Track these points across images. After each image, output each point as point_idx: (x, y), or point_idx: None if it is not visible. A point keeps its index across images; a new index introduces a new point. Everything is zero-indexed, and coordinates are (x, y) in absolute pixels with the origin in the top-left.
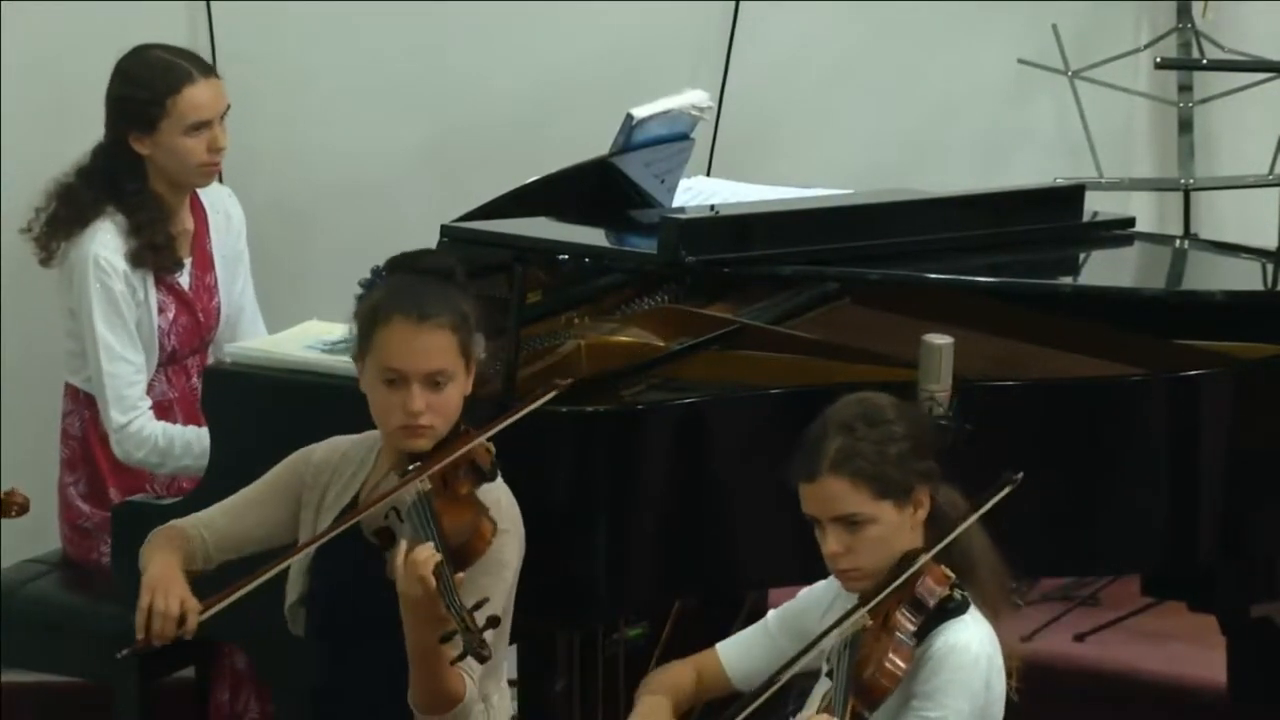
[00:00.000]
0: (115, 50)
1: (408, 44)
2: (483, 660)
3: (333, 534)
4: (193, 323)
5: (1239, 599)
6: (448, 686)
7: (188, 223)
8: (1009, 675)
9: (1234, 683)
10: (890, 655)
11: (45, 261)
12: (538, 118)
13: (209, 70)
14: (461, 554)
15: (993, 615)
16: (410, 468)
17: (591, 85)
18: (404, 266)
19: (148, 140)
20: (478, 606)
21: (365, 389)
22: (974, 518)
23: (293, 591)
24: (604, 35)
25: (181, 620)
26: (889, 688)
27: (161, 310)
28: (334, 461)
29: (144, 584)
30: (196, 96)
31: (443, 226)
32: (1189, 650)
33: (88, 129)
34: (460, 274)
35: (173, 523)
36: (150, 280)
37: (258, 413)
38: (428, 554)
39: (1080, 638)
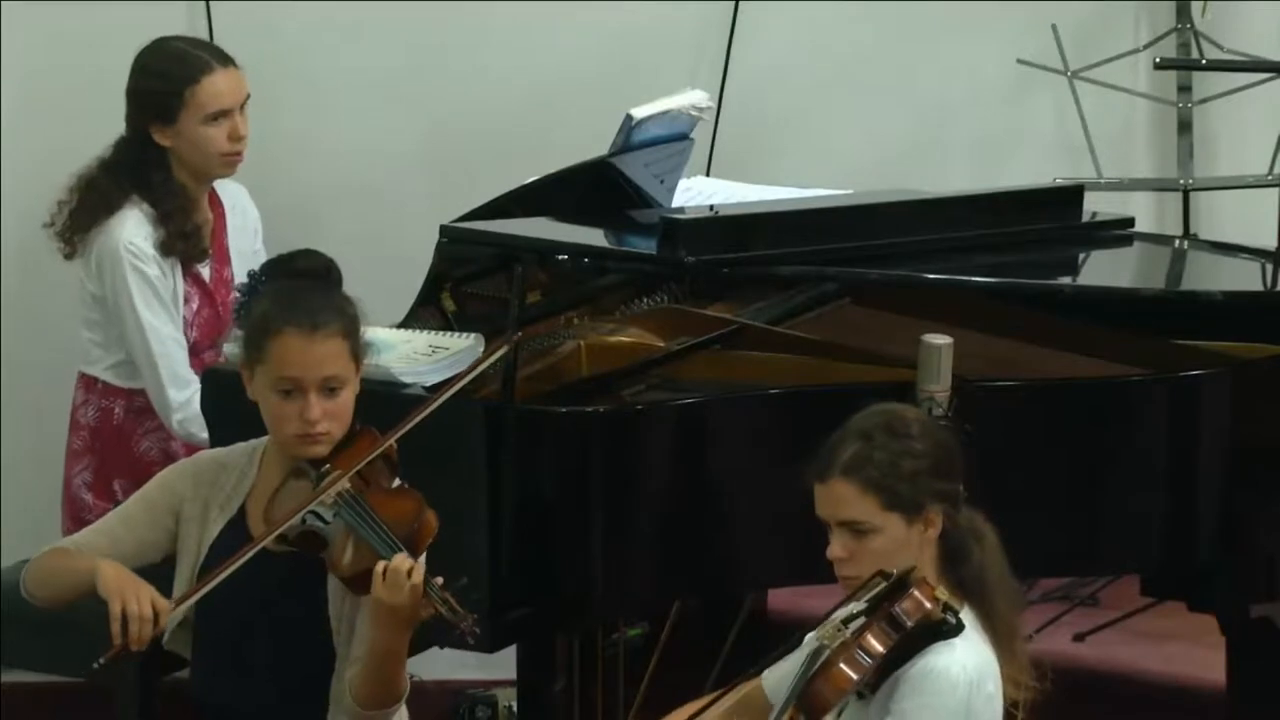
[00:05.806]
0: (116, 49)
1: (408, 44)
2: (475, 638)
3: (261, 544)
4: (213, 315)
5: (1239, 599)
6: (401, 682)
7: (208, 214)
8: (1016, 706)
9: (1234, 683)
10: (841, 665)
11: (69, 255)
12: (537, 118)
13: (227, 60)
14: (411, 542)
15: (1005, 645)
16: (324, 469)
17: (591, 85)
18: (281, 270)
19: (169, 132)
20: (456, 587)
21: (256, 397)
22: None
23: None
24: (604, 35)
25: (155, 620)
26: (831, 700)
27: (187, 301)
28: (211, 473)
29: (107, 590)
30: (215, 86)
31: (442, 226)
32: (1189, 650)
33: (88, 128)
34: (336, 272)
35: (60, 543)
36: (178, 269)
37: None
38: (408, 562)
39: (1080, 638)
